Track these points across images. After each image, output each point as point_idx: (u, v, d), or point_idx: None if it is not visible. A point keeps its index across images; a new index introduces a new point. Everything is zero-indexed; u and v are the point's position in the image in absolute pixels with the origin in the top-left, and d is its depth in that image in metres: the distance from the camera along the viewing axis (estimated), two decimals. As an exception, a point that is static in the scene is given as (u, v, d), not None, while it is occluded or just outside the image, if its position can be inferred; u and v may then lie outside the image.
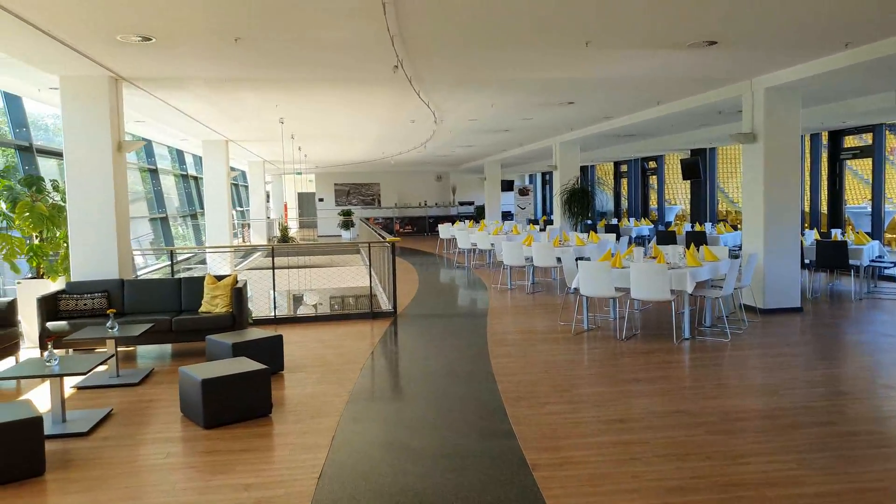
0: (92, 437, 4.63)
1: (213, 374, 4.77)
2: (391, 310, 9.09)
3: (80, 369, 4.62)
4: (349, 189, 29.67)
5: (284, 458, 4.19)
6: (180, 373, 4.98)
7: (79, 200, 7.32)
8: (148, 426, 4.83)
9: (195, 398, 4.74)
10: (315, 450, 4.28)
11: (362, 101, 9.82)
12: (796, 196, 8.80)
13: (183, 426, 4.79)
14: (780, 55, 7.20)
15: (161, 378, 6.14)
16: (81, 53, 6.25)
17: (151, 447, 4.42)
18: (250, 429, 4.71)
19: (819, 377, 5.78)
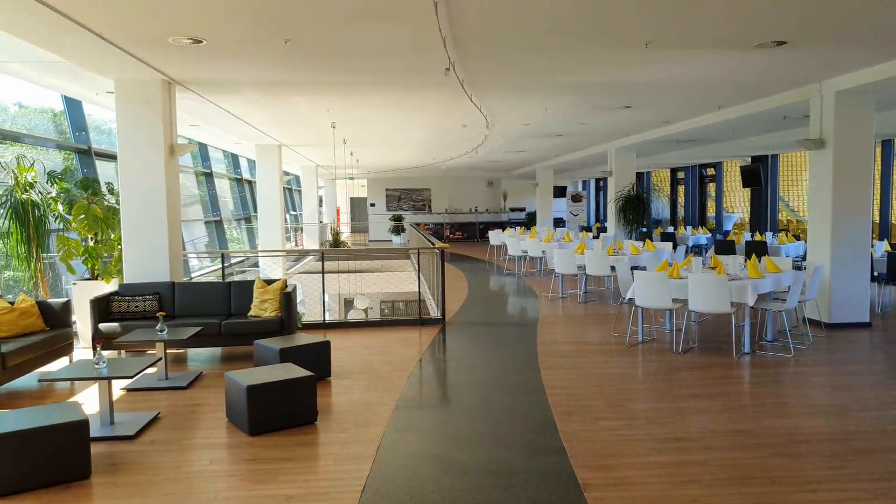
0: (138, 440, 4.65)
1: (258, 381, 4.74)
2: (440, 317, 8.98)
3: (127, 372, 4.66)
4: (400, 194, 29.84)
5: (328, 468, 4.12)
6: (226, 378, 4.97)
7: (132, 203, 7.47)
8: (194, 431, 4.83)
9: (240, 404, 4.72)
10: (359, 460, 4.20)
11: (414, 105, 9.77)
12: (867, 205, 8.32)
13: (228, 432, 4.78)
14: (853, 56, 6.80)
15: (209, 382, 6.17)
16: (134, 56, 6.35)
17: (196, 453, 4.41)
18: (295, 437, 4.66)
19: (892, 398, 5.40)
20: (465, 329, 8.54)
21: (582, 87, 8.60)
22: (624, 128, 13.10)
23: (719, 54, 6.65)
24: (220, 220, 17.05)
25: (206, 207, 16.47)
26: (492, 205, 30.15)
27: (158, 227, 7.49)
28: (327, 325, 8.71)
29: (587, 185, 31.63)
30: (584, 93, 9.04)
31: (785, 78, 7.97)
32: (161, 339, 5.85)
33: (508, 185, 30.23)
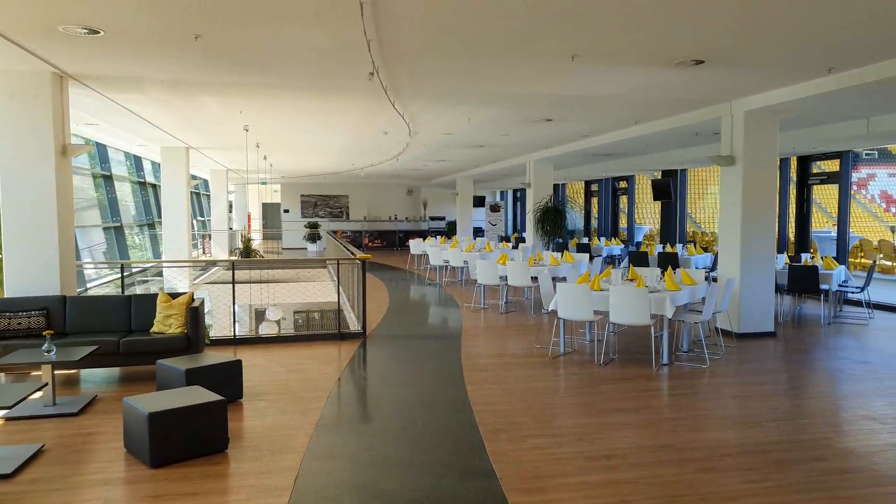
0: (16, 479, 4.08)
1: (161, 407, 4.30)
2: (360, 330, 8.66)
3: (4, 402, 4.10)
4: (316, 201, 29.10)
5: (240, 502, 3.76)
6: (124, 404, 4.48)
7: (15, 208, 6.73)
8: (85, 465, 4.31)
9: (141, 433, 4.26)
10: (275, 493, 3.86)
11: (333, 109, 9.44)
12: (772, 220, 8.72)
13: (126, 465, 4.30)
14: (763, 77, 7.09)
15: (105, 406, 5.60)
16: (17, 44, 5.69)
17: (87, 491, 3.91)
18: (203, 467, 4.25)
19: (801, 407, 5.59)
20: (387, 343, 8.27)
21: (507, 99, 8.56)
22: (544, 140, 13.24)
23: (643, 70, 6.74)
24: (120, 226, 15.97)
25: (104, 212, 15.36)
26: (412, 213, 29.96)
27: (47, 235, 6.79)
28: (238, 341, 8.21)
29: (505, 195, 32.03)
30: (509, 104, 9.01)
31: (700, 96, 8.22)
32: (48, 360, 5.23)
33: (428, 193, 30.14)
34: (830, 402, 5.77)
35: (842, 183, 12.80)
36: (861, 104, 8.36)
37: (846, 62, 6.35)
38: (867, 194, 32.92)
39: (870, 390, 6.09)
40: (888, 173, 33.06)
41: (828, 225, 21.39)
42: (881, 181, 33.07)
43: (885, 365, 7.02)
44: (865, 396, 5.90)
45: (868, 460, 4.39)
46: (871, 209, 32.04)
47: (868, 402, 5.75)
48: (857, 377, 6.55)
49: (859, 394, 5.99)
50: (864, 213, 31.50)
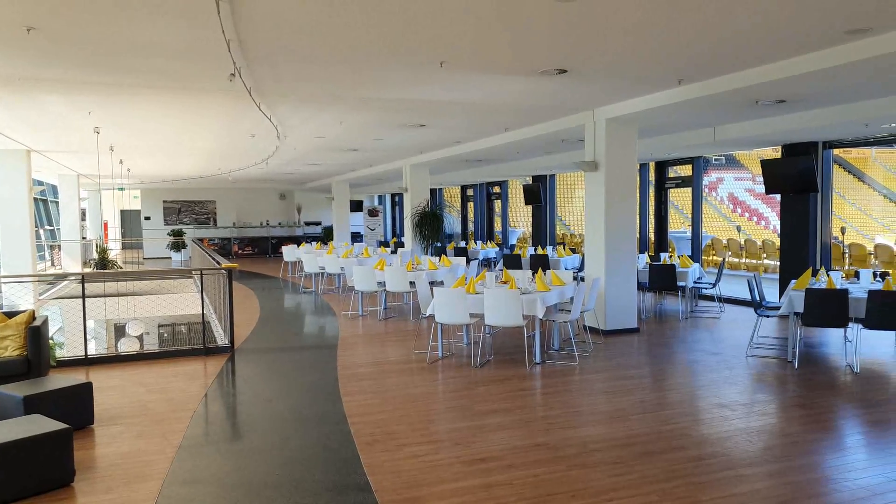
0: None
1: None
2: (228, 344, 8.22)
3: None
4: (180, 207, 27.48)
5: (88, 540, 3.41)
6: (-51, 439, 3.94)
7: None
8: None
9: (-32, 471, 3.75)
10: (130, 526, 3.54)
11: (195, 111, 8.91)
12: (633, 222, 9.24)
13: (-49, 507, 3.79)
14: (620, 87, 7.49)
15: (-73, 441, 4.92)
16: None
17: None
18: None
19: (663, 399, 5.93)
20: (259, 356, 7.91)
21: (379, 103, 8.48)
22: (418, 145, 13.29)
23: (509, 78, 6.90)
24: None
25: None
26: (285, 218, 29.05)
27: None
28: (91, 361, 7.53)
29: (383, 199, 31.91)
30: (381, 109, 8.94)
31: (565, 104, 8.56)
32: None
33: (303, 198, 29.34)
34: (688, 392, 6.16)
35: (694, 186, 13.82)
36: (708, 114, 9.06)
37: (694, 75, 6.84)
38: (717, 196, 36.03)
39: (721, 379, 6.56)
40: (734, 177, 36.43)
41: (684, 226, 23.07)
42: (728, 184, 36.38)
43: (734, 355, 7.61)
44: (718, 385, 6.36)
45: (721, 446, 4.70)
46: (720, 210, 35.06)
47: (720, 390, 6.20)
48: (711, 367, 7.05)
49: (713, 383, 6.45)
50: (715, 214, 34.42)
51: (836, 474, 4.21)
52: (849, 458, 4.50)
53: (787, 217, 11.21)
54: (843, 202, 33.19)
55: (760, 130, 9.65)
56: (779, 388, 6.25)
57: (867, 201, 34.77)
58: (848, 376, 6.63)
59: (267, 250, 27.02)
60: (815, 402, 5.76)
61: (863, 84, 6.92)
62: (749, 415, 5.42)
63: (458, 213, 25.61)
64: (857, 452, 4.61)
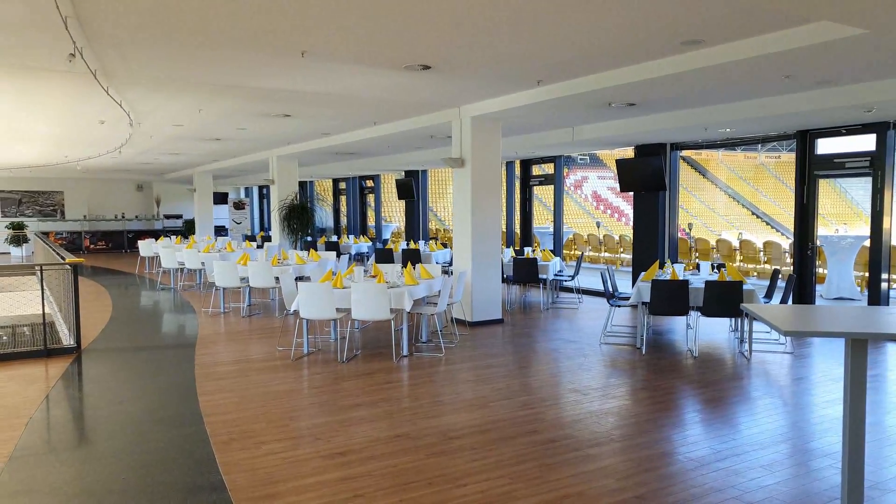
0: None
1: None
2: (74, 345, 7.63)
3: None
4: (21, 197, 24.99)
5: None
6: None
7: None
8: None
9: None
10: (-52, 546, 3.23)
11: (33, 93, 8.15)
12: (498, 217, 9.58)
13: None
14: (484, 86, 7.73)
15: None
16: None
17: None
18: None
19: (520, 386, 6.23)
20: (109, 357, 7.42)
21: (238, 91, 8.18)
22: (285, 136, 12.97)
23: (373, 70, 6.90)
24: None
25: None
26: (143, 211, 27.25)
27: None
28: None
29: (250, 191, 30.80)
30: (241, 97, 8.63)
31: (431, 101, 8.71)
32: None
33: (162, 189, 27.63)
34: (546, 379, 6.50)
35: (556, 184, 14.55)
36: (566, 115, 9.55)
37: (552, 76, 7.17)
38: (582, 194, 38.04)
39: (576, 366, 6.98)
40: (598, 176, 38.62)
41: (549, 221, 24.14)
42: (593, 183, 38.50)
43: (589, 343, 8.11)
44: (573, 372, 6.76)
45: (571, 429, 5.01)
46: (585, 207, 37.06)
47: (575, 376, 6.59)
48: (568, 355, 7.48)
49: (569, 370, 6.84)
50: (579, 211, 36.33)
51: (673, 448, 4.63)
52: (683, 433, 4.95)
53: (638, 213, 12.09)
54: (692, 199, 36.23)
55: (614, 131, 10.32)
56: (628, 373, 6.74)
57: (713, 199, 38.18)
58: (688, 360, 7.24)
59: (123, 245, 25.25)
60: (658, 385, 6.26)
61: (701, 92, 7.58)
62: (599, 398, 5.81)
63: (330, 206, 25.27)
64: (690, 428, 5.08)
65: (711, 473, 4.17)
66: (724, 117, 8.73)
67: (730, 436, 4.87)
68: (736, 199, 38.50)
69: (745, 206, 38.13)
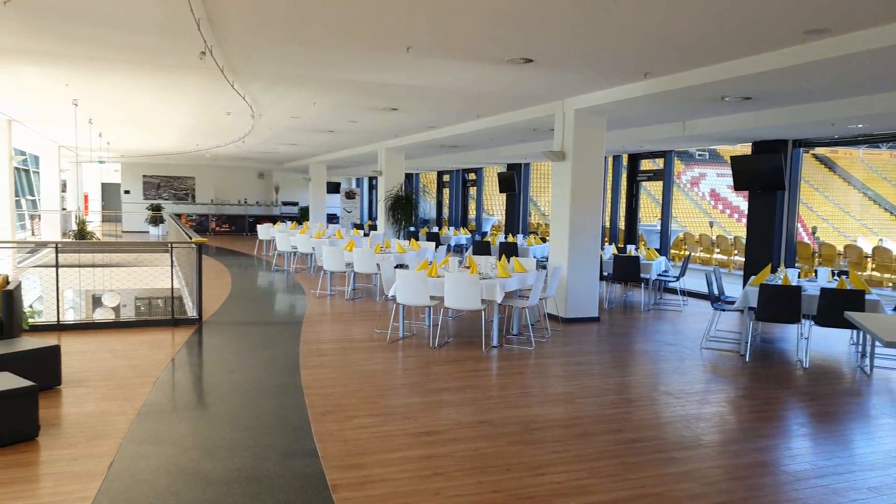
0: None
1: (-42, 396, 4.02)
2: (196, 316, 8.41)
3: None
4: (160, 182, 27.39)
5: (47, 490, 3.63)
6: (-85, 395, 4.14)
7: None
8: None
9: (-66, 425, 3.96)
10: (87, 478, 3.76)
11: (171, 87, 9.01)
12: (599, 213, 9.47)
13: (-84, 459, 3.99)
14: (588, 79, 7.68)
15: None
16: None
17: None
18: (8, 457, 4.04)
19: (610, 385, 6.21)
20: (225, 329, 8.11)
21: (349, 86, 8.62)
22: (392, 129, 13.43)
23: (476, 65, 7.07)
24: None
25: None
26: (263, 197, 29.04)
27: None
28: (63, 327, 7.69)
29: (361, 182, 31.99)
30: (352, 91, 9.08)
31: (534, 94, 8.75)
32: None
33: (281, 177, 29.32)
34: (638, 380, 6.42)
35: (665, 180, 14.12)
36: (676, 108, 9.25)
37: (660, 69, 6.99)
38: (699, 192, 36.34)
39: (672, 369, 6.82)
40: (717, 173, 36.66)
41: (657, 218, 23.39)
42: (711, 180, 36.64)
43: (689, 347, 7.87)
44: (668, 374, 6.62)
45: (658, 430, 4.94)
46: (701, 206, 35.43)
47: (669, 378, 6.47)
48: (664, 357, 7.32)
49: (663, 372, 6.71)
50: (694, 209, 34.75)
51: (768, 459, 4.45)
52: (783, 445, 4.73)
53: (754, 213, 11.51)
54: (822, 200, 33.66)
55: (729, 126, 9.89)
56: (727, 379, 6.50)
57: (847, 200, 35.22)
58: (797, 371, 6.84)
59: (244, 228, 27.03)
60: (760, 394, 6.00)
61: (826, 84, 7.09)
62: (693, 403, 5.66)
63: (434, 198, 25.77)
64: (792, 441, 4.85)
65: (808, 489, 3.98)
66: (854, 112, 8.09)
67: (835, 453, 4.61)
68: (876, 201, 35.35)
69: (888, 209, 34.91)
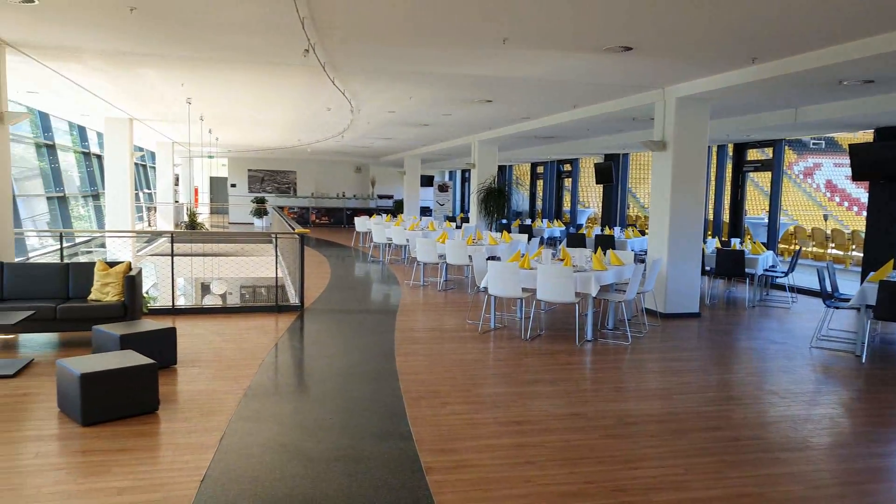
0: (-51, 436, 4.21)
1: (93, 368, 4.45)
2: (298, 304, 8.82)
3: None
4: (264, 176, 28.80)
5: (166, 458, 3.95)
6: (58, 366, 4.61)
7: (-47, 174, 6.68)
8: (19, 423, 4.44)
9: (73, 393, 4.40)
10: (201, 450, 4.06)
11: (275, 84, 9.47)
12: (701, 205, 9.11)
13: (59, 423, 4.44)
14: (691, 66, 7.41)
15: (41, 370, 5.68)
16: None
17: (21, 446, 4.06)
18: (132, 427, 4.42)
19: (711, 382, 6.00)
20: (324, 316, 8.46)
21: (444, 79, 8.73)
22: (486, 121, 13.47)
23: (573, 55, 6.98)
24: (63, 196, 15.60)
25: (47, 182, 14.99)
26: (360, 191, 29.93)
27: (-18, 202, 6.75)
28: (178, 311, 8.28)
29: (454, 175, 32.26)
30: (447, 85, 9.19)
31: (632, 82, 8.53)
32: (-19, 324, 5.32)
33: (377, 171, 30.11)
34: (740, 378, 6.17)
35: (774, 170, 13.36)
36: (787, 94, 8.74)
37: (769, 53, 6.63)
38: (814, 183, 34.00)
39: (778, 368, 6.51)
40: (833, 162, 34.12)
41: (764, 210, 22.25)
42: (827, 170, 34.14)
43: (797, 346, 7.48)
44: (773, 373, 6.33)
45: (761, 430, 4.75)
46: (815, 197, 33.17)
47: (775, 377, 6.18)
48: (770, 356, 6.99)
49: (768, 371, 6.43)
50: (808, 202, 32.59)
51: (886, 465, 4.20)
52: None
53: (874, 206, 10.70)
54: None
55: (847, 112, 9.23)
56: (840, 381, 6.14)
57: None
58: (923, 375, 6.38)
59: (342, 220, 27.95)
60: (877, 397, 5.64)
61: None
62: (800, 404, 5.39)
63: (527, 190, 25.59)
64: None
65: (926, 498, 3.73)
66: None
67: (963, 463, 4.28)
68: None
69: None
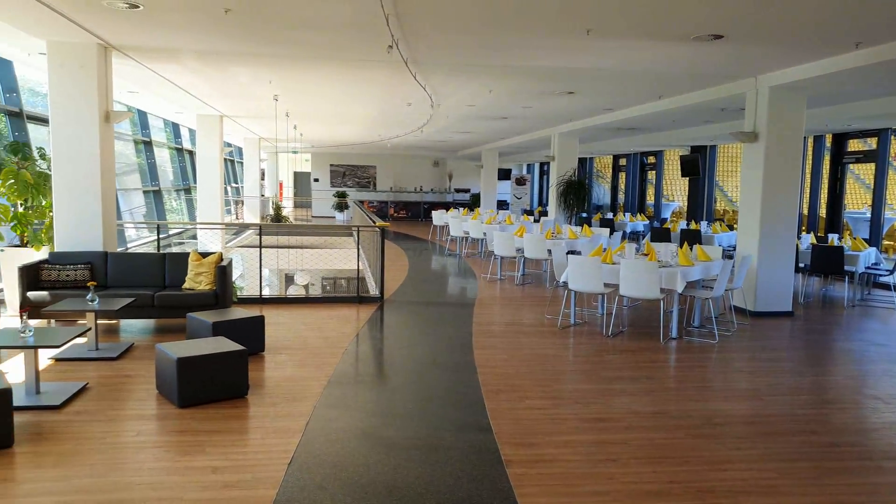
0: (64, 410, 4.55)
1: (189, 353, 4.69)
2: (378, 295, 8.99)
3: (54, 342, 4.55)
4: (345, 170, 29.51)
5: (256, 441, 4.12)
6: (157, 350, 4.90)
7: (64, 169, 7.18)
8: (122, 402, 4.75)
9: (170, 376, 4.66)
10: (288, 434, 4.21)
11: (357, 81, 9.66)
12: (795, 199, 8.66)
13: (157, 404, 4.72)
14: (787, 53, 7.04)
15: (140, 353, 6.05)
16: (67, 18, 6.09)
17: (123, 424, 4.34)
18: (224, 410, 4.63)
19: (805, 384, 5.71)
20: (403, 307, 8.58)
21: (525, 71, 8.66)
22: (567, 113, 13.26)
23: (659, 44, 6.77)
24: (158, 190, 16.53)
25: (144, 176, 15.94)
26: (437, 185, 30.16)
27: (91, 195, 7.23)
28: (264, 300, 8.61)
29: (531, 168, 31.97)
30: (528, 77, 9.11)
31: (722, 71, 8.19)
32: (91, 308, 5.71)
33: (454, 165, 30.25)
34: (837, 381, 5.85)
35: (879, 161, 12.51)
36: (894, 80, 8.20)
37: (874, 37, 6.22)
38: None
39: (881, 371, 6.13)
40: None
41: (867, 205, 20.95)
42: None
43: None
44: (875, 377, 5.96)
45: (863, 436, 4.49)
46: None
47: (878, 381, 5.82)
48: (871, 359, 6.59)
49: (870, 374, 6.06)
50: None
51: None
52: None
53: None
54: None
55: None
56: (950, 387, 5.73)
57: None
58: None
59: (419, 214, 28.25)
60: None
61: None
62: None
63: (608, 183, 25.04)
64: None
65: None
66: None
67: None
68: None
69: None
